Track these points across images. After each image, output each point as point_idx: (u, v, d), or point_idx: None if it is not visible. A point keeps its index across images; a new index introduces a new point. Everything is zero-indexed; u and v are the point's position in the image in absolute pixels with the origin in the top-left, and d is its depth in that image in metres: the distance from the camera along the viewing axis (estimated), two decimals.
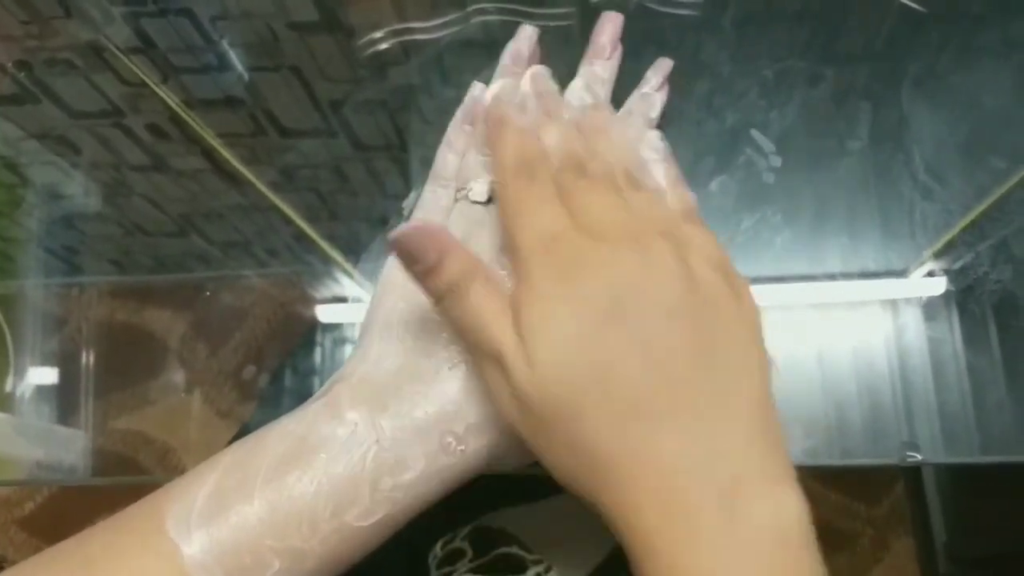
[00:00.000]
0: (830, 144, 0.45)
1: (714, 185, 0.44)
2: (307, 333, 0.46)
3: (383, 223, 0.46)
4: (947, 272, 0.42)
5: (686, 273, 0.31)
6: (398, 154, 0.48)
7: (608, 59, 0.43)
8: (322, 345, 0.45)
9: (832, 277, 0.43)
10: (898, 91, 0.45)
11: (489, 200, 0.39)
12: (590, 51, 0.43)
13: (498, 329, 0.31)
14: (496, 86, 0.40)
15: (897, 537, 1.29)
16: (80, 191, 0.49)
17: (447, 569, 0.58)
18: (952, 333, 0.41)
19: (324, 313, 0.46)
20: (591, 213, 0.32)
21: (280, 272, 0.47)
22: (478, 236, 0.38)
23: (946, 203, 0.43)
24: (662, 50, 0.44)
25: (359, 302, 0.46)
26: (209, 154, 0.48)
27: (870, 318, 0.42)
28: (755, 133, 0.45)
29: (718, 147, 0.45)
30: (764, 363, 0.31)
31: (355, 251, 0.46)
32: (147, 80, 0.49)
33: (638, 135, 0.40)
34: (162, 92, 0.49)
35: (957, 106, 0.44)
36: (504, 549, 0.57)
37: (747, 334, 0.32)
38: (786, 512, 0.29)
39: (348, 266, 0.46)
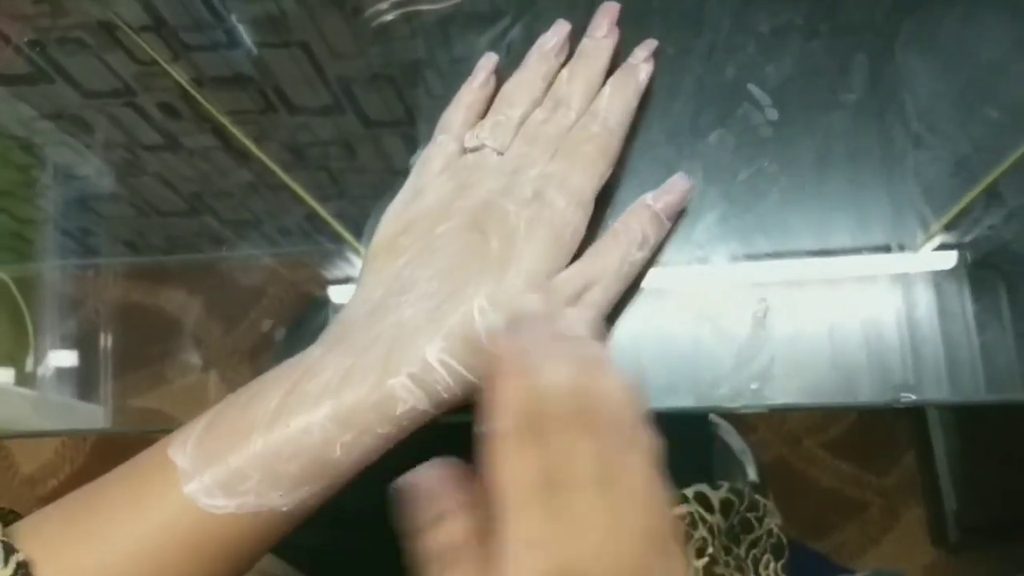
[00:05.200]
0: (825, 97, 0.44)
1: (713, 138, 0.44)
2: (317, 312, 0.46)
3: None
4: (949, 229, 0.42)
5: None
6: (407, 130, 0.48)
7: (605, 37, 0.43)
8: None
9: (829, 224, 0.43)
10: (893, 44, 0.45)
11: (483, 146, 0.41)
12: (589, 34, 0.44)
13: None
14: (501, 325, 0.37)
15: (907, 507, 1.29)
16: (93, 171, 0.49)
17: None
18: (959, 284, 0.42)
19: (334, 292, 0.46)
20: (583, 510, 0.28)
21: (292, 251, 0.47)
22: (471, 180, 0.40)
23: (939, 151, 0.43)
24: (662, 4, 0.45)
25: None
26: (219, 132, 0.48)
27: (870, 266, 0.42)
28: (752, 87, 0.45)
29: (716, 101, 0.45)
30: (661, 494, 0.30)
31: (365, 229, 0.46)
32: (157, 58, 0.49)
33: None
34: (172, 70, 0.49)
35: (954, 59, 0.44)
36: None
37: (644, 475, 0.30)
38: None
39: (358, 244, 0.46)
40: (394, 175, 0.45)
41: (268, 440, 0.33)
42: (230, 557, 0.34)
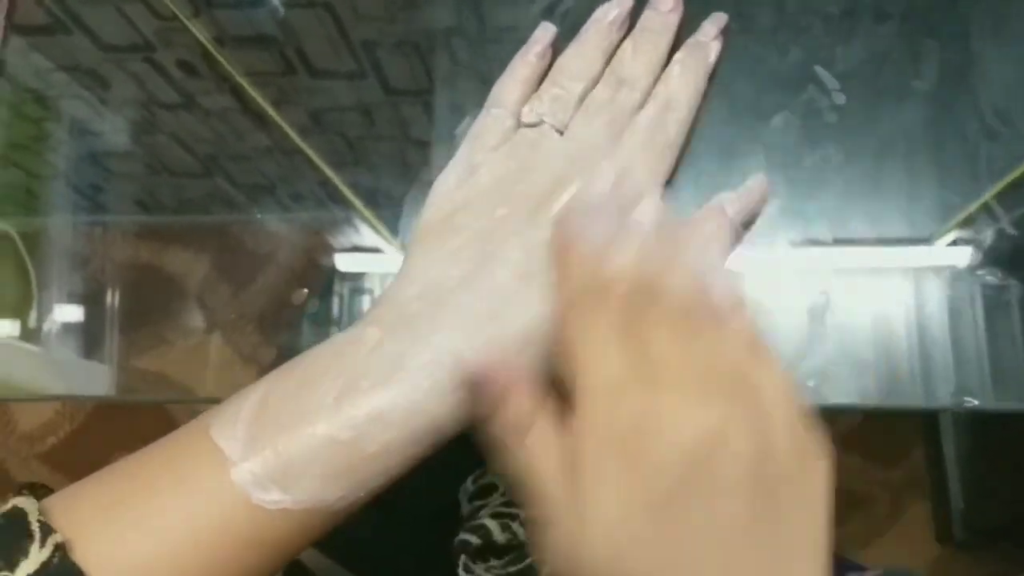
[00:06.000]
0: (895, 83, 0.43)
1: (776, 120, 0.43)
2: (328, 280, 0.45)
3: (410, 171, 0.46)
4: (1009, 216, 0.41)
5: (759, 441, 0.29)
6: (428, 98, 0.47)
7: (670, 12, 0.41)
8: (341, 294, 0.45)
9: (895, 216, 0.42)
10: (967, 31, 0.43)
11: (541, 122, 0.39)
12: (651, 6, 0.42)
13: (548, 487, 0.29)
14: (572, 200, 0.37)
15: (913, 502, 1.29)
16: (107, 128, 0.48)
17: (479, 503, 0.58)
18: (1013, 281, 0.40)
19: (345, 261, 0.45)
20: (661, 355, 0.30)
21: (304, 217, 0.46)
22: (533, 161, 0.38)
23: (1012, 147, 0.41)
24: None
25: (380, 252, 0.45)
26: (238, 93, 0.47)
27: (936, 260, 0.41)
28: (819, 69, 0.43)
29: (781, 82, 0.43)
30: (825, 533, 0.29)
31: (379, 199, 0.45)
32: (178, 14, 0.48)
33: (717, 248, 0.37)
34: (193, 27, 0.48)
35: None
36: None
37: (816, 512, 0.30)
38: None
39: (370, 213, 0.45)
40: (413, 145, 0.44)
41: (330, 432, 0.32)
42: (278, 552, 0.32)
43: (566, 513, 0.29)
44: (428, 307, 0.34)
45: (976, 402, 0.38)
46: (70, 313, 0.47)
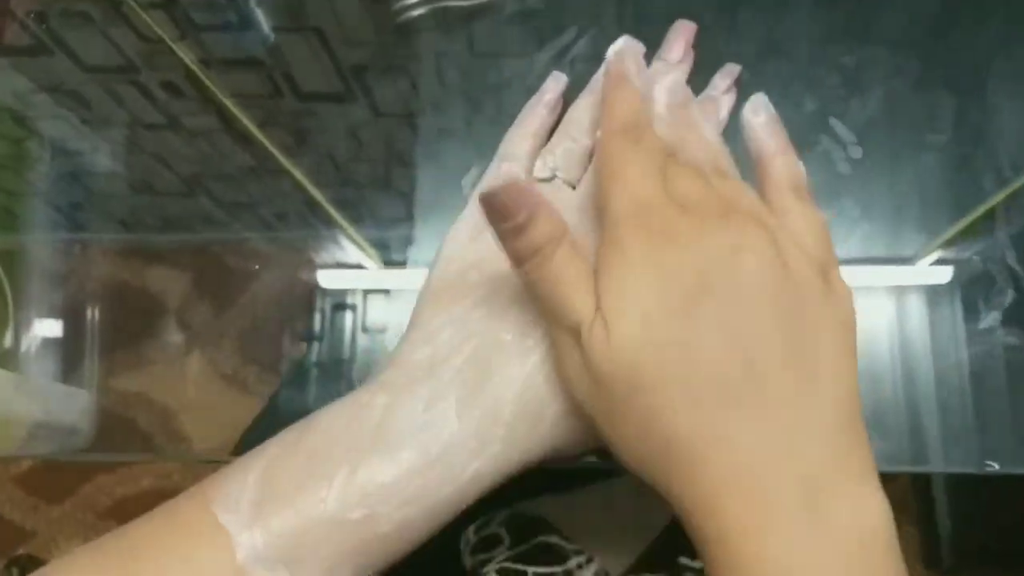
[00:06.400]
0: (911, 137, 0.43)
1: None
2: (311, 299, 0.45)
3: (396, 192, 0.45)
4: None
5: (779, 259, 0.30)
6: (417, 122, 0.46)
7: (680, 62, 0.41)
8: (323, 311, 0.44)
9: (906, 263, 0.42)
10: (984, 84, 0.43)
11: (553, 177, 0.38)
12: (661, 56, 0.41)
13: (578, 298, 0.30)
14: (620, 42, 0.37)
15: (901, 527, 1.27)
16: (89, 147, 0.48)
17: (484, 556, 0.57)
18: None
19: (329, 279, 0.45)
20: (687, 190, 0.31)
21: (287, 236, 0.46)
22: None
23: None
24: (737, 30, 0.43)
25: (364, 269, 0.45)
26: (223, 115, 0.47)
27: (948, 314, 0.41)
28: (834, 122, 0.43)
29: (794, 134, 0.43)
30: (853, 368, 0.30)
31: (365, 218, 0.45)
32: (164, 37, 0.48)
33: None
34: (178, 50, 0.48)
35: None
36: (544, 538, 0.57)
37: (839, 336, 0.30)
38: (869, 514, 0.29)
39: (356, 234, 0.45)
40: (400, 167, 0.44)
41: (341, 511, 0.30)
42: None
43: (593, 320, 0.29)
44: (443, 373, 0.33)
45: (996, 466, 0.38)
46: (48, 333, 0.46)
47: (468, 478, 0.32)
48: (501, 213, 0.29)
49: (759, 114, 0.36)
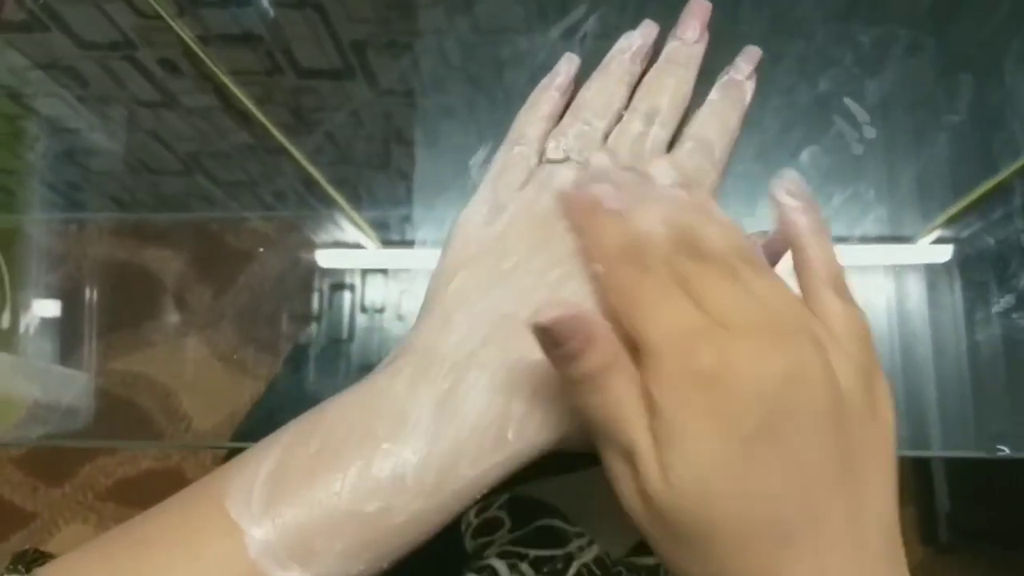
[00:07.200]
0: (926, 117, 0.42)
1: (804, 156, 0.42)
2: (310, 278, 0.44)
3: (396, 171, 0.45)
4: None
5: (831, 378, 0.28)
6: (418, 101, 0.46)
7: (696, 42, 0.40)
8: (321, 291, 0.44)
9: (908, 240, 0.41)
10: (1000, 63, 0.42)
11: (567, 158, 0.37)
12: (676, 35, 0.41)
13: (633, 427, 0.29)
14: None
15: (899, 505, 1.29)
16: (85, 125, 0.47)
17: (485, 539, 0.57)
18: None
19: (328, 259, 0.45)
20: (721, 303, 0.29)
21: (286, 216, 0.45)
22: None
23: None
24: (751, 8, 0.42)
25: (363, 249, 0.45)
26: (221, 92, 0.47)
27: (964, 298, 0.41)
28: (849, 102, 0.42)
29: (808, 115, 0.42)
30: (895, 480, 0.30)
31: (362, 197, 0.45)
32: (162, 12, 0.47)
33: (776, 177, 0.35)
34: (176, 26, 0.47)
35: None
36: (545, 521, 0.56)
37: (883, 450, 0.30)
38: None
39: (354, 212, 0.44)
40: (400, 144, 0.44)
41: (354, 504, 0.30)
42: None
43: (652, 453, 0.28)
44: (458, 357, 0.33)
45: (1007, 450, 0.38)
46: (46, 314, 0.45)
47: (486, 467, 0.31)
48: (554, 341, 0.28)
49: (796, 197, 0.33)
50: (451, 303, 0.34)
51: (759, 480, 0.27)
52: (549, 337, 0.28)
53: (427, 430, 0.31)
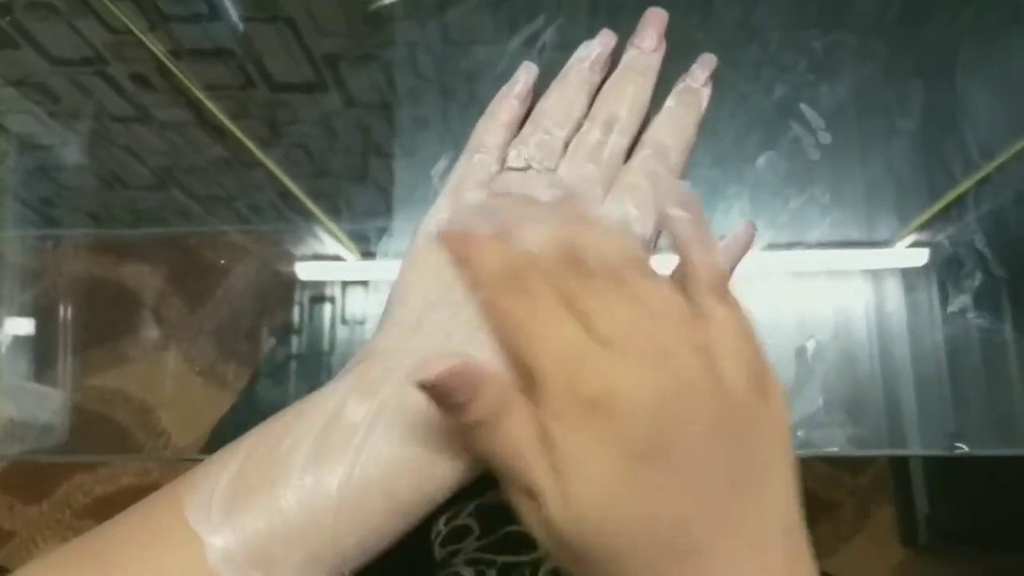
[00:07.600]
0: (879, 122, 0.43)
1: (761, 161, 0.43)
2: (289, 292, 0.44)
3: (372, 182, 0.45)
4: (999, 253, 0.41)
5: (717, 385, 0.29)
6: (391, 112, 0.46)
7: (654, 51, 0.41)
8: (301, 304, 0.44)
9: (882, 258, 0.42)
10: (952, 69, 0.43)
11: (528, 167, 0.38)
12: (634, 44, 0.41)
13: (532, 465, 0.29)
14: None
15: (878, 506, 1.31)
16: (58, 141, 0.47)
17: (453, 547, 0.57)
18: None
19: (306, 271, 0.45)
20: (604, 320, 0.29)
21: (263, 229, 0.45)
22: None
23: (1003, 186, 0.42)
24: (707, 17, 0.43)
25: (342, 261, 0.45)
26: (195, 107, 0.47)
27: (919, 301, 0.41)
28: (804, 107, 0.43)
29: (765, 121, 0.43)
30: (794, 473, 0.30)
31: (340, 209, 0.45)
32: (133, 28, 0.47)
33: (665, 188, 0.36)
34: (148, 41, 0.47)
35: (1014, 88, 0.43)
36: (513, 527, 0.57)
37: (780, 443, 0.30)
38: None
39: (332, 224, 0.44)
40: (376, 156, 0.44)
41: (311, 513, 0.29)
42: None
43: (552, 486, 0.28)
44: (392, 364, 0.33)
45: (965, 448, 0.39)
46: (20, 331, 0.45)
47: (447, 474, 0.31)
48: (440, 396, 0.28)
49: (685, 208, 0.32)
50: (409, 316, 0.34)
51: (658, 499, 0.28)
52: (435, 392, 0.28)
53: (376, 442, 0.31)
